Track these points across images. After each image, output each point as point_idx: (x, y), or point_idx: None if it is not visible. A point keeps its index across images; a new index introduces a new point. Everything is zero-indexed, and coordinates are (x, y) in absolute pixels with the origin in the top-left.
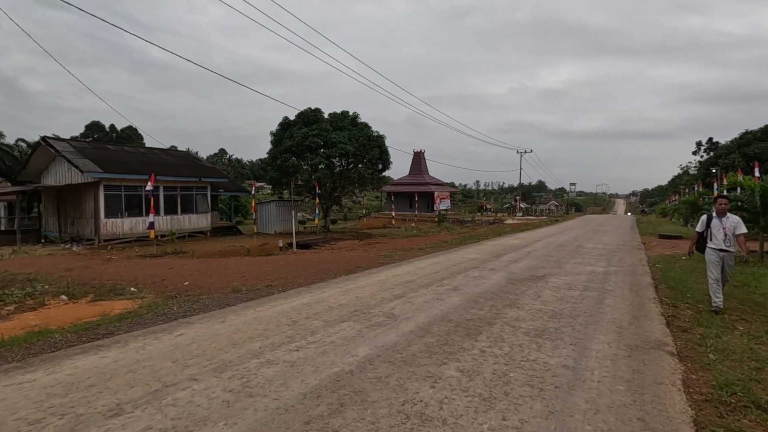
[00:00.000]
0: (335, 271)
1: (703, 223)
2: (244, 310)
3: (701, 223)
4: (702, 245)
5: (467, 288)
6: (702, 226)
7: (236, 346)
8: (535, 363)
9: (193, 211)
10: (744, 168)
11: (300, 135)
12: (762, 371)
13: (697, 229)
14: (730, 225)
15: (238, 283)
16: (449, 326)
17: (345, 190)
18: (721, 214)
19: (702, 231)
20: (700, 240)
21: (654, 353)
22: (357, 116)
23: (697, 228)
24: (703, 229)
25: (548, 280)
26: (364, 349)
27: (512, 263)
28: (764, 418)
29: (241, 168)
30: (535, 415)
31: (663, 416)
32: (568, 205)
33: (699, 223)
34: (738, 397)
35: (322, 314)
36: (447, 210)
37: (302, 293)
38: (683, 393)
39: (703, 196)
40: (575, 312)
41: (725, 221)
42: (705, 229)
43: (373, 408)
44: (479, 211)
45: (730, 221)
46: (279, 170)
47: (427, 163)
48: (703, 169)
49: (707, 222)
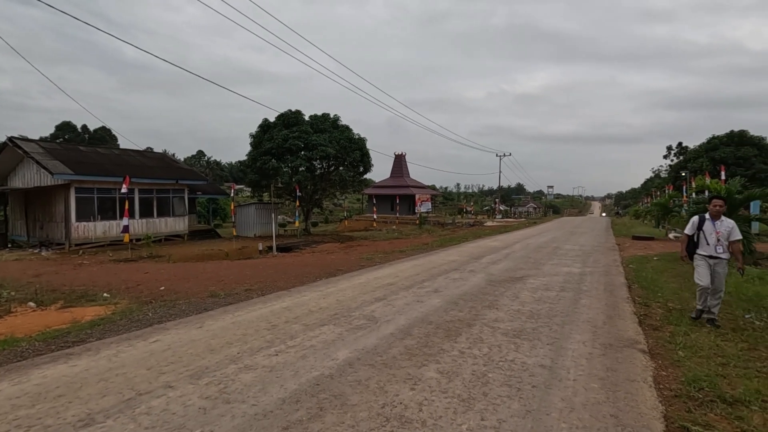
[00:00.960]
0: (316, 275)
1: (693, 225)
2: (222, 315)
3: (691, 225)
4: (692, 250)
5: (447, 290)
6: (692, 229)
7: (214, 351)
8: (513, 363)
9: (170, 214)
10: (711, 171)
11: (280, 137)
12: (727, 367)
13: (687, 232)
14: (725, 229)
15: (216, 288)
16: (429, 328)
17: (326, 193)
18: (715, 216)
19: (692, 234)
20: (690, 244)
21: (627, 351)
22: (338, 118)
23: (686, 230)
24: (694, 231)
25: (526, 282)
26: (344, 352)
27: (491, 265)
28: (729, 411)
29: (220, 170)
30: (513, 414)
31: (635, 412)
32: (546, 207)
33: (689, 224)
34: (705, 392)
35: (302, 318)
36: (428, 212)
37: (282, 297)
38: (654, 389)
39: (673, 199)
40: (552, 312)
41: (719, 225)
42: (696, 232)
43: (353, 411)
44: (460, 214)
45: (725, 225)
46: (259, 172)
47: (408, 166)
48: (673, 173)
49: (699, 224)
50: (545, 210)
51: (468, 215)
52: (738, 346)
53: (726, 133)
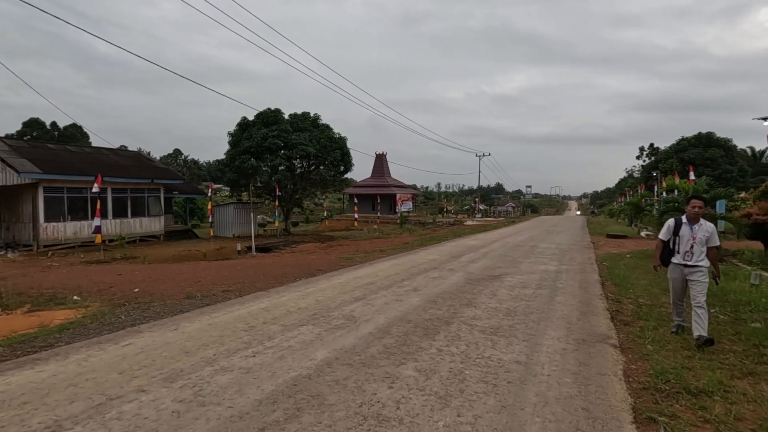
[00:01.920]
0: (295, 275)
1: (669, 230)
2: (198, 317)
3: (667, 229)
4: (667, 257)
5: (427, 288)
6: (668, 233)
7: (189, 354)
8: (490, 360)
9: (145, 215)
10: (681, 172)
11: (259, 136)
12: (692, 359)
13: (662, 237)
14: (702, 235)
15: (192, 289)
16: (408, 327)
17: (306, 192)
18: (693, 219)
19: (668, 239)
20: (665, 251)
21: (599, 346)
22: (318, 117)
23: (661, 234)
24: (669, 236)
25: (504, 280)
26: (322, 352)
27: (470, 263)
28: (693, 402)
29: (198, 169)
30: (489, 410)
31: (605, 405)
32: (524, 206)
33: (664, 228)
34: (671, 384)
35: (280, 319)
36: (409, 212)
37: (260, 298)
38: (624, 382)
39: (645, 198)
40: (528, 309)
41: (697, 229)
42: (671, 237)
43: (331, 411)
44: (440, 213)
45: (703, 230)
46: (237, 172)
47: (389, 166)
48: (645, 173)
49: (675, 228)
50: (524, 209)
51: (448, 215)
52: None
53: (694, 135)
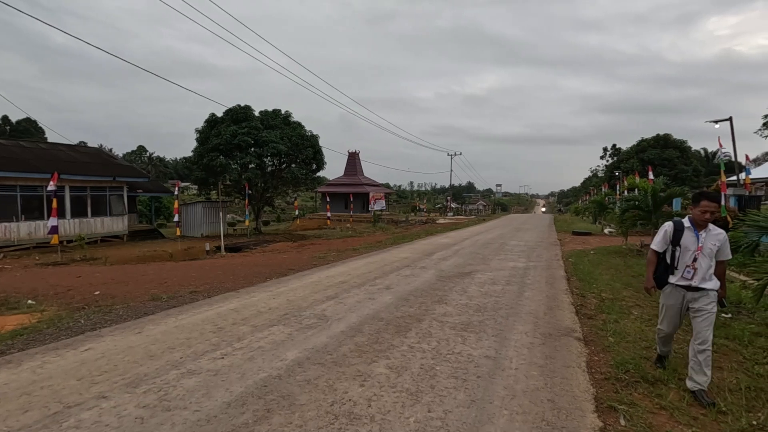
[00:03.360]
0: (266, 274)
1: (666, 238)
2: (164, 319)
3: (663, 236)
4: (662, 275)
5: (399, 286)
6: (664, 243)
7: (154, 357)
8: (460, 355)
9: (107, 214)
10: (641, 171)
11: (228, 133)
12: (650, 350)
13: (655, 247)
14: (712, 244)
15: (158, 291)
16: (380, 325)
17: (277, 191)
18: (701, 225)
19: (662, 250)
20: (660, 266)
21: (564, 339)
22: (290, 115)
23: (653, 244)
24: (665, 246)
25: (474, 277)
26: (293, 352)
27: (442, 261)
28: (651, 390)
29: (164, 167)
30: (459, 404)
31: (569, 396)
32: (494, 205)
33: (660, 235)
34: (631, 374)
35: (250, 319)
36: (382, 210)
37: (229, 298)
38: (587, 373)
39: (608, 196)
40: (497, 305)
41: (705, 237)
42: (669, 248)
43: (301, 411)
44: (413, 212)
45: (713, 237)
46: (206, 170)
47: (362, 164)
48: (609, 172)
49: (674, 236)
50: (494, 208)
51: (421, 213)
52: None
53: (653, 137)
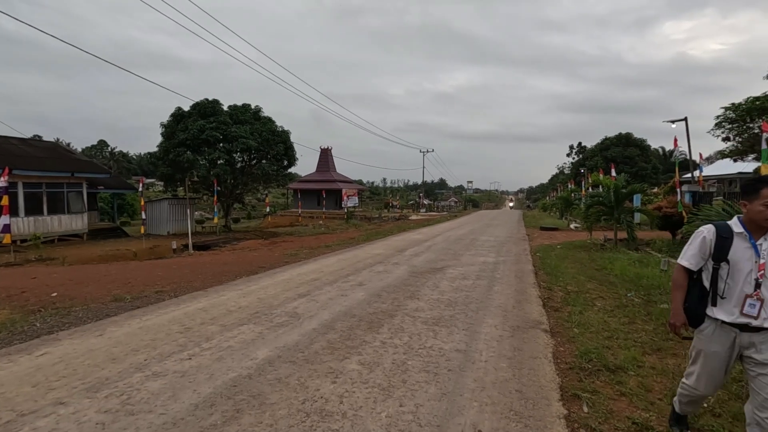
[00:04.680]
0: (236, 273)
1: (705, 248)
2: (127, 320)
3: (699, 245)
4: (697, 306)
5: (371, 283)
6: (700, 256)
7: (116, 360)
8: (432, 350)
9: (65, 212)
10: (604, 168)
11: (196, 128)
12: (611, 339)
13: (684, 262)
14: None
15: (121, 291)
16: (352, 321)
17: (248, 188)
18: (761, 229)
19: (697, 268)
20: (693, 291)
21: (532, 332)
22: (260, 110)
23: (683, 258)
24: (702, 262)
25: (446, 272)
26: (264, 351)
27: (414, 257)
28: (612, 378)
29: (127, 162)
30: (430, 398)
31: (536, 386)
32: (466, 201)
33: (692, 243)
34: (593, 363)
35: (219, 319)
36: (355, 207)
37: (198, 298)
38: (553, 364)
39: (573, 193)
40: (468, 300)
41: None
42: (710, 265)
43: (272, 410)
44: (386, 208)
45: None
46: (172, 165)
47: (334, 161)
48: (574, 170)
49: (718, 246)
50: (465, 204)
51: (394, 209)
52: (620, 321)
53: (616, 135)
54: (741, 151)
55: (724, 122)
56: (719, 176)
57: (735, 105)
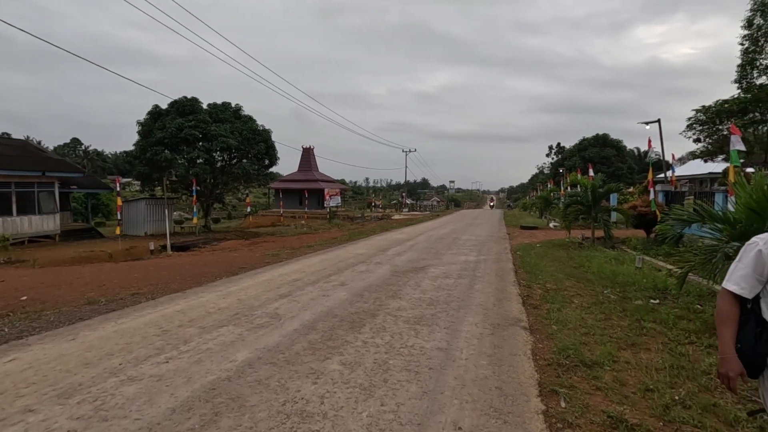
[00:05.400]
0: (215, 274)
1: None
2: (101, 324)
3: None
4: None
5: (353, 282)
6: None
7: (89, 365)
8: (413, 348)
9: (35, 212)
10: (582, 169)
11: (174, 126)
12: (588, 335)
13: (731, 286)
14: None
15: (95, 294)
16: (334, 321)
17: (228, 187)
18: None
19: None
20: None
21: (512, 329)
22: (240, 108)
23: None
24: (760, 285)
25: (428, 271)
26: (244, 353)
27: (396, 256)
28: (588, 373)
29: (102, 161)
30: (411, 397)
31: (516, 382)
32: (448, 201)
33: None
34: (571, 359)
35: (198, 321)
36: (337, 207)
37: (176, 299)
38: (532, 360)
39: (552, 192)
40: (450, 298)
41: None
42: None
43: (252, 412)
44: (369, 208)
45: None
46: (149, 164)
47: (316, 160)
48: (554, 169)
49: None
50: (448, 203)
51: (377, 209)
52: (597, 317)
53: (593, 136)
54: (711, 152)
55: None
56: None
57: (705, 108)
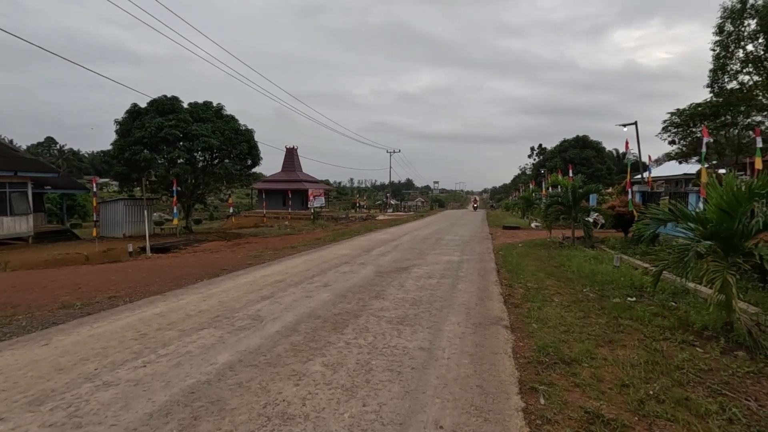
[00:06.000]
0: (196, 276)
1: None
2: (76, 328)
3: None
4: None
5: (337, 283)
6: None
7: (63, 371)
8: (396, 348)
9: (7, 213)
10: (563, 169)
11: (154, 125)
12: (568, 333)
13: None
14: None
15: (70, 298)
16: (317, 322)
17: (210, 188)
18: None
19: None
20: None
21: (493, 328)
22: (222, 108)
23: None
24: None
25: (411, 271)
26: (224, 355)
27: (381, 257)
28: (567, 370)
29: (78, 161)
30: (393, 397)
31: (496, 380)
32: (432, 201)
33: None
34: (550, 357)
35: (177, 323)
36: (321, 207)
37: (155, 302)
38: (512, 359)
39: (534, 193)
40: (433, 298)
41: None
42: None
43: (232, 416)
44: (353, 208)
45: None
46: (128, 164)
47: (300, 160)
48: (535, 170)
49: None
50: (432, 204)
51: (361, 209)
52: (576, 315)
53: (573, 137)
54: (685, 154)
55: (670, 127)
56: (667, 177)
57: (679, 111)
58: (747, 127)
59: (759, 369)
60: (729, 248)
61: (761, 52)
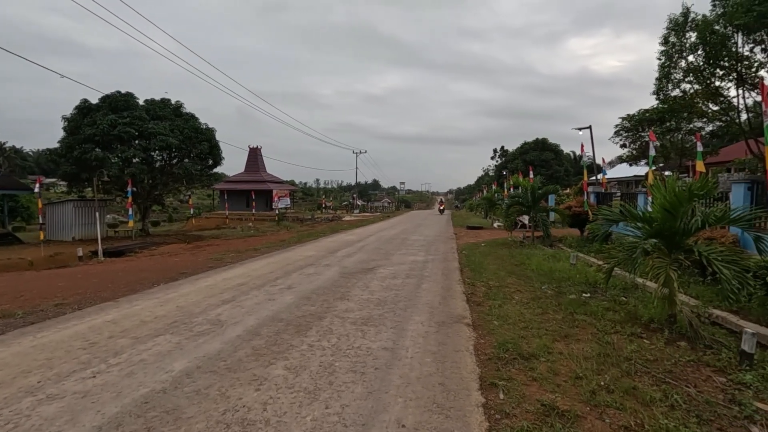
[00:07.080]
0: (153, 280)
1: None
2: (17, 339)
3: None
4: None
5: (301, 285)
6: None
7: (1, 385)
8: (360, 349)
9: None
10: (524, 171)
11: (106, 123)
12: (527, 329)
13: None
14: None
15: (10, 306)
16: (280, 326)
17: (168, 188)
18: None
19: None
20: None
21: (456, 326)
22: (181, 105)
23: None
24: None
25: (377, 272)
26: (182, 362)
27: (346, 258)
28: (525, 365)
29: (21, 160)
30: (356, 398)
31: (458, 378)
32: (398, 202)
33: None
34: (510, 353)
35: (131, 331)
36: (287, 208)
37: (107, 309)
38: (474, 356)
39: (496, 194)
40: (397, 298)
41: None
42: None
43: (189, 424)
44: (319, 209)
45: None
46: (77, 163)
47: (264, 160)
48: (498, 172)
49: None
50: (398, 204)
51: (327, 210)
52: (535, 312)
53: (533, 140)
54: (635, 157)
55: (621, 131)
56: (620, 179)
57: (629, 116)
58: (689, 132)
59: (698, 357)
60: (672, 245)
61: (701, 63)
